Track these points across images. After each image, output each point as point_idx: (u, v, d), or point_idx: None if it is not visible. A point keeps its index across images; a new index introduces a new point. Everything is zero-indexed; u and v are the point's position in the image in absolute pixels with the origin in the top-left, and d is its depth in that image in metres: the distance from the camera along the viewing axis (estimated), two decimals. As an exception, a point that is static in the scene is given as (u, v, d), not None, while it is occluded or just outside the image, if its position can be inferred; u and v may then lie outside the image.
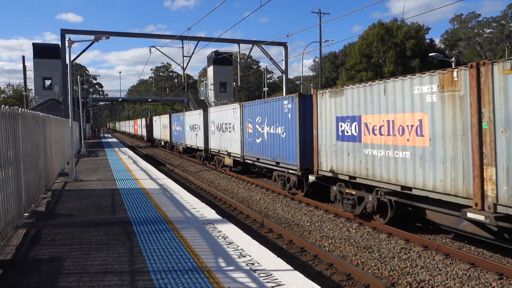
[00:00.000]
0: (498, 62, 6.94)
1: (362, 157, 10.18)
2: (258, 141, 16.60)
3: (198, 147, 26.57)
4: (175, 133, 34.30)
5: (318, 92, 12.09)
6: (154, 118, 48.80)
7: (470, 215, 7.27)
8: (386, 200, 9.59)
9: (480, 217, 7.06)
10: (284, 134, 14.28)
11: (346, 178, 10.82)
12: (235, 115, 19.40)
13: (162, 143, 41.87)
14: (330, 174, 11.59)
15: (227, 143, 20.56)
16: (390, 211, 9.61)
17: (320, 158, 12.01)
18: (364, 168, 10.10)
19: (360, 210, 10.42)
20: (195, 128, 26.95)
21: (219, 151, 22.09)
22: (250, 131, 17.39)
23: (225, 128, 20.92)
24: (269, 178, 18.19)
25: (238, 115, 18.90)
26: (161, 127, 41.96)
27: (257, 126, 16.62)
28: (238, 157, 18.93)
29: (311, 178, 12.27)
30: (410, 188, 8.77)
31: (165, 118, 39.46)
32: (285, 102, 14.24)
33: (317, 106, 12.08)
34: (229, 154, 20.29)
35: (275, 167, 15.31)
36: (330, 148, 11.48)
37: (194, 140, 27.29)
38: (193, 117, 27.85)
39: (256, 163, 17.15)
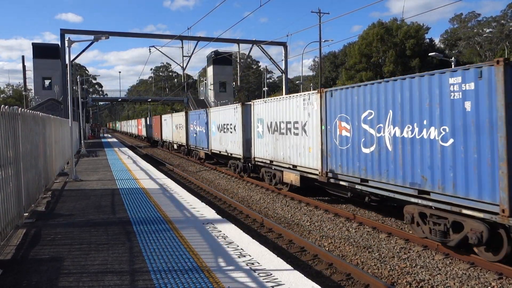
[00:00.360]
0: None
1: None
2: (366, 150, 10.36)
3: (231, 154, 20.27)
4: (194, 135, 27.91)
5: None
6: (164, 116, 40.46)
7: None
8: None
9: None
10: (451, 140, 7.92)
11: None
12: (307, 109, 13.09)
13: (175, 147, 34.82)
14: None
15: (291, 151, 14.17)
16: None
17: None
18: None
19: None
20: (228, 128, 20.71)
21: (271, 161, 15.78)
22: (346, 134, 11.16)
23: (285, 129, 14.64)
24: (361, 205, 12.43)
25: (315, 109, 12.62)
26: (173, 127, 34.64)
27: (365, 126, 10.49)
28: (315, 173, 12.64)
29: None
30: None
31: (179, 117, 32.61)
32: (454, 79, 7.89)
33: None
34: (293, 168, 14.08)
35: (415, 199, 8.84)
36: None
37: (226, 144, 20.96)
38: (224, 113, 21.24)
39: (359, 186, 10.68)
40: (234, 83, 65.18)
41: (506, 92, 6.92)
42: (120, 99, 68.40)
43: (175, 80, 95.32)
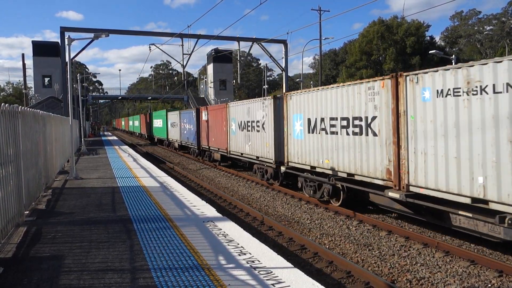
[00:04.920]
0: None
1: None
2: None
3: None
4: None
5: None
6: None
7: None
8: None
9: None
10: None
11: None
12: None
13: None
14: None
15: None
16: None
17: None
18: None
19: None
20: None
21: None
22: None
23: None
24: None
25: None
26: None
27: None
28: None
29: None
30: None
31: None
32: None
33: None
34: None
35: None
36: None
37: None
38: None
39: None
40: (234, 81, 65.10)
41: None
42: (120, 97, 68.28)
43: (175, 78, 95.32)
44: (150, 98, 69.46)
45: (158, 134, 43.87)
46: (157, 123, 43.66)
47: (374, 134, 9.74)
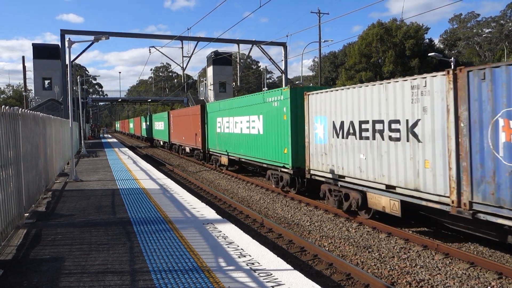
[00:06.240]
0: None
1: None
2: None
3: None
4: None
5: None
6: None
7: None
8: None
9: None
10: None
11: None
12: None
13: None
14: None
15: None
16: None
17: None
18: None
19: None
20: None
21: None
22: None
23: None
24: None
25: None
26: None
27: None
28: None
29: None
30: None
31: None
32: None
33: None
34: None
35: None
36: None
37: None
38: None
39: None
40: (234, 83, 65.15)
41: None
42: (120, 99, 68.32)
43: (175, 80, 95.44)
44: (150, 100, 69.56)
45: (246, 150, 17.93)
46: (232, 124, 19.53)
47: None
